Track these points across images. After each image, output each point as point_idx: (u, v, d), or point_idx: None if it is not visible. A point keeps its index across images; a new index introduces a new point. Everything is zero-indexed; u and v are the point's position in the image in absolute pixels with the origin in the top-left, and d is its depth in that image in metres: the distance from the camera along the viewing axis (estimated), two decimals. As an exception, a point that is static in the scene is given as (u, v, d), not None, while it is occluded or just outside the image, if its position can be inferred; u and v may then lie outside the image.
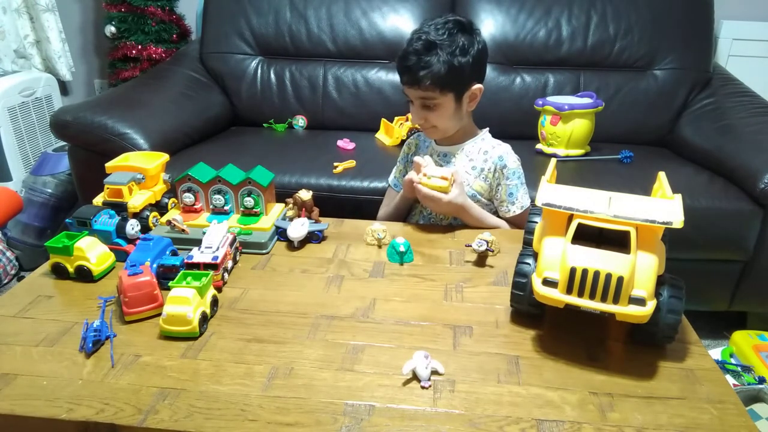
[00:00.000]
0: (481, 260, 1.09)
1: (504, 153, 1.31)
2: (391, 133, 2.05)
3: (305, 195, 1.16)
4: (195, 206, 1.18)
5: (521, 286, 0.85)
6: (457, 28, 1.21)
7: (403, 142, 1.95)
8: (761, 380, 1.44)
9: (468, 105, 1.28)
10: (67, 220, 1.06)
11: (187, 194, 1.17)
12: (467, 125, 1.34)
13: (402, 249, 1.07)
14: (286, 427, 0.68)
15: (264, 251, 1.10)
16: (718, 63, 2.29)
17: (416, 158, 1.24)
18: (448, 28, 1.20)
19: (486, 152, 1.31)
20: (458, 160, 1.33)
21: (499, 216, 1.34)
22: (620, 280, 0.73)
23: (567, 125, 1.86)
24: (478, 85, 1.26)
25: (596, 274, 0.73)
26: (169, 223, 1.10)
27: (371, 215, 1.37)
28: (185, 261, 0.96)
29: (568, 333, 0.86)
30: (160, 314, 0.84)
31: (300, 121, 2.23)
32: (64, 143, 1.92)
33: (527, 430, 0.68)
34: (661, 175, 0.97)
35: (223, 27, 2.27)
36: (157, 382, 0.75)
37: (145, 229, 1.12)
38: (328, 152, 1.91)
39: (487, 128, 1.37)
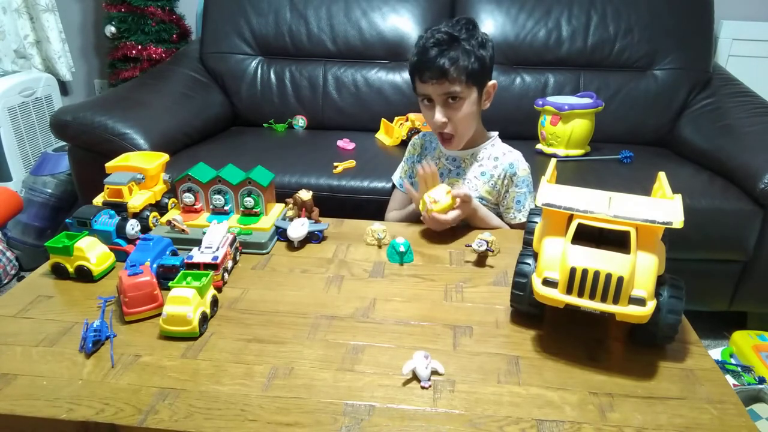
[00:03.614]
0: (481, 260, 1.09)
1: (515, 160, 1.29)
2: (391, 133, 2.05)
3: (305, 195, 1.16)
4: (195, 206, 1.18)
5: (521, 286, 0.85)
6: (471, 25, 1.21)
7: (403, 142, 1.96)
8: (761, 380, 1.44)
9: (484, 103, 1.26)
10: (67, 220, 1.06)
11: (187, 194, 1.17)
12: (478, 128, 1.32)
13: (402, 249, 1.07)
14: (286, 427, 0.68)
15: (264, 251, 1.10)
16: (718, 63, 2.29)
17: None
18: (463, 24, 1.20)
19: (496, 158, 1.30)
20: (467, 165, 1.32)
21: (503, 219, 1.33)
22: (620, 280, 0.73)
23: (567, 125, 1.86)
24: (492, 82, 1.25)
25: (596, 274, 0.73)
26: (169, 223, 1.10)
27: (371, 215, 1.36)
28: (185, 261, 0.96)
29: (568, 333, 0.86)
30: (160, 314, 0.84)
31: (300, 121, 2.23)
32: (64, 143, 1.92)
33: (527, 430, 0.68)
34: (661, 175, 0.97)
35: (223, 27, 2.27)
36: (157, 382, 0.75)
37: (145, 229, 1.12)
38: (328, 152, 1.91)
39: (497, 132, 1.36)
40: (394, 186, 1.53)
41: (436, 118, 1.21)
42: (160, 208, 1.19)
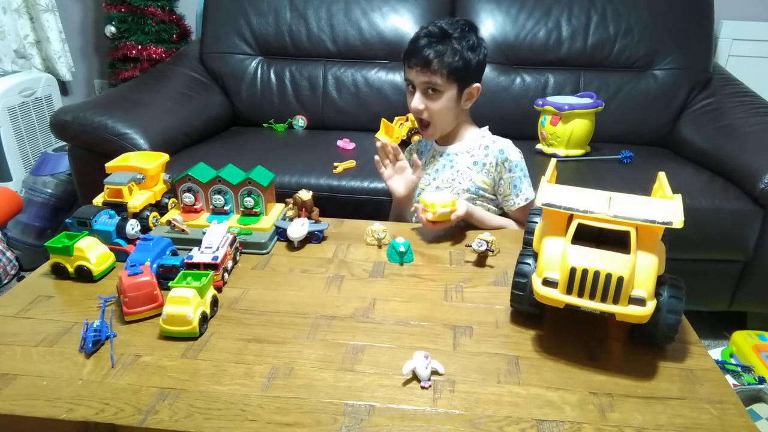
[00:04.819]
0: (481, 260, 1.09)
1: (505, 146, 1.32)
2: (391, 133, 2.04)
3: (305, 195, 1.16)
4: (195, 206, 1.18)
5: (521, 286, 0.85)
6: (468, 27, 1.26)
7: (403, 142, 1.96)
8: (761, 380, 1.44)
9: (464, 102, 1.30)
10: (67, 220, 1.06)
11: (187, 194, 1.17)
12: (465, 123, 1.36)
13: (402, 249, 1.07)
14: (286, 427, 0.68)
15: (264, 251, 1.10)
16: (718, 63, 2.29)
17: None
18: (461, 25, 1.25)
19: (487, 147, 1.32)
20: (459, 158, 1.34)
21: (503, 212, 1.35)
22: (620, 280, 0.73)
23: (567, 125, 1.86)
24: (476, 84, 1.29)
25: (596, 274, 0.73)
26: (169, 223, 1.10)
27: (371, 215, 1.36)
28: (185, 261, 0.96)
29: (568, 333, 0.86)
30: (160, 314, 0.84)
31: (300, 121, 2.23)
32: (64, 143, 1.92)
33: (527, 430, 0.68)
34: (661, 175, 0.97)
35: (223, 27, 2.27)
36: (157, 382, 0.75)
37: (145, 229, 1.12)
38: (328, 152, 1.91)
39: (487, 126, 1.38)
40: None
41: (414, 104, 1.28)
42: (160, 208, 1.19)
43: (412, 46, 1.25)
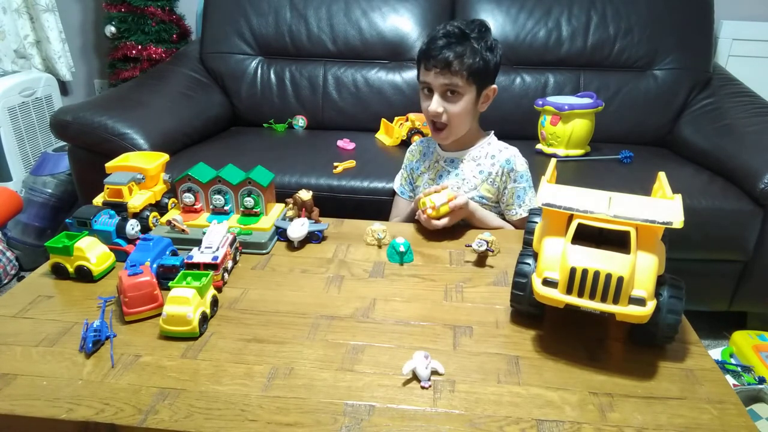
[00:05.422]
0: (481, 260, 1.09)
1: (511, 156, 1.30)
2: (391, 133, 2.05)
3: (305, 195, 1.16)
4: (195, 206, 1.18)
5: (521, 286, 0.85)
6: (484, 28, 1.24)
7: (403, 142, 1.96)
8: (761, 380, 1.44)
9: (481, 105, 1.28)
10: (67, 220, 1.06)
11: (187, 194, 1.17)
12: (474, 129, 1.33)
13: (402, 249, 1.07)
14: (286, 427, 0.68)
15: (264, 251, 1.10)
16: (718, 63, 2.29)
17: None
18: (477, 25, 1.23)
19: (493, 156, 1.31)
20: (465, 166, 1.33)
21: (504, 218, 1.34)
22: (620, 280, 0.73)
23: (567, 125, 1.86)
24: (493, 86, 1.28)
25: (596, 274, 0.73)
26: (169, 223, 1.10)
27: (371, 215, 1.36)
28: (185, 261, 0.96)
29: (568, 333, 0.86)
30: (160, 314, 0.84)
31: (300, 121, 2.23)
32: (64, 143, 1.92)
33: (527, 430, 0.68)
34: (661, 175, 0.97)
35: (223, 27, 2.27)
36: (157, 382, 0.75)
37: (145, 229, 1.12)
38: (328, 152, 1.91)
39: (492, 131, 1.37)
40: (395, 193, 1.53)
41: (432, 107, 1.24)
42: (160, 208, 1.19)
43: (430, 47, 1.21)
